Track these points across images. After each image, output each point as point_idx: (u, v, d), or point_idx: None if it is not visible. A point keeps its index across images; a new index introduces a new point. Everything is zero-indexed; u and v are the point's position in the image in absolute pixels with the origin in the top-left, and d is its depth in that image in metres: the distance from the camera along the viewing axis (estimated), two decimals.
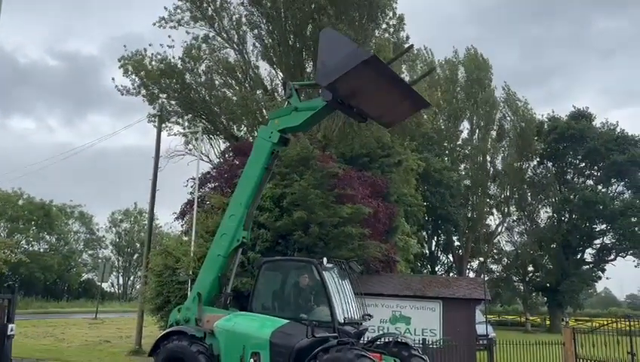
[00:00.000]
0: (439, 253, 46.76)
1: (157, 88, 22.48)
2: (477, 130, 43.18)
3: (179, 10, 22.32)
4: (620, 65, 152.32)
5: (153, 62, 22.25)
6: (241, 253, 11.40)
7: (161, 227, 46.70)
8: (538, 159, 45.42)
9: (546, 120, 45.42)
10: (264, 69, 23.72)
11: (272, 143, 10.47)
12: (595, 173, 43.90)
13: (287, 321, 9.34)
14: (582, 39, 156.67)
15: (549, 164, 45.52)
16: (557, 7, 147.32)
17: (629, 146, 41.34)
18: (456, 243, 45.07)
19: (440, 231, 43.93)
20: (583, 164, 44.31)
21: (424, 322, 16.36)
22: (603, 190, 43.12)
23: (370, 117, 10.66)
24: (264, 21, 22.50)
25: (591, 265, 44.44)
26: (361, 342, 10.04)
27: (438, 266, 46.58)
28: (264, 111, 21.44)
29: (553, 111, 46.23)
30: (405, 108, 10.71)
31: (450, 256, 46.60)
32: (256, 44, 23.08)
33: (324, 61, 9.43)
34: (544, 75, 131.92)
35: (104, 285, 60.33)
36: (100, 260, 62.69)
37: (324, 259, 9.90)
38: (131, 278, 75.78)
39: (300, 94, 10.66)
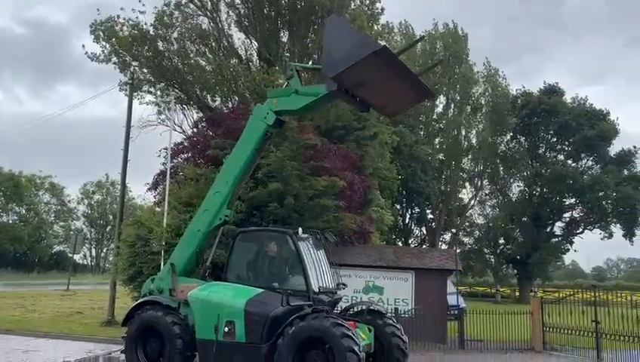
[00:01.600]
0: (413, 225, 47.25)
1: (128, 55, 21.85)
2: (452, 105, 43.35)
3: None
4: (589, 44, 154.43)
5: (125, 29, 21.57)
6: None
7: (134, 198, 46.32)
8: (511, 134, 45.94)
9: (519, 95, 45.84)
10: (238, 38, 23.26)
11: (266, 125, 10.07)
12: (566, 148, 44.61)
13: (262, 290, 9.36)
14: (555, 17, 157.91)
15: (522, 139, 46.08)
16: None
17: (598, 121, 42.07)
18: (430, 216, 45.65)
19: (414, 204, 44.35)
20: (555, 139, 44.97)
21: (397, 292, 16.63)
22: (573, 164, 43.96)
23: (373, 107, 10.32)
24: None
25: (560, 238, 45.51)
26: (336, 310, 10.14)
27: (412, 238, 47.13)
28: (238, 80, 21.08)
29: (524, 87, 46.41)
30: (409, 98, 10.38)
31: (424, 229, 47.22)
32: (230, 12, 22.57)
33: (331, 51, 8.96)
34: (517, 52, 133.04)
35: (76, 257, 59.60)
36: (71, 232, 61.83)
37: (300, 230, 9.92)
38: (104, 250, 75.20)
39: (300, 75, 10.14)
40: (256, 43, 22.77)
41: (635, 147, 42.64)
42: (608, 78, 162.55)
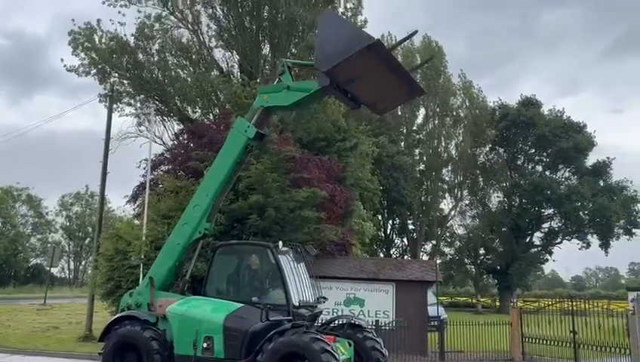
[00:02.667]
0: (394, 236, 47.49)
1: (108, 67, 21.71)
2: (432, 116, 43.78)
3: None
4: (562, 56, 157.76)
5: (104, 40, 21.44)
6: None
7: (113, 210, 45.66)
8: (490, 145, 46.50)
9: (498, 107, 46.53)
10: (219, 50, 23.29)
11: (247, 138, 9.97)
12: (544, 159, 45.28)
13: (241, 305, 9.29)
14: (528, 30, 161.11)
15: (501, 150, 46.67)
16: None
17: (574, 133, 42.83)
18: (411, 226, 45.90)
19: (395, 215, 44.57)
20: (533, 150, 45.62)
21: (378, 304, 16.65)
22: (551, 175, 44.61)
23: (364, 103, 10.13)
24: (219, 1, 22.01)
25: (539, 248, 46.05)
26: (316, 324, 10.10)
27: (393, 249, 47.32)
28: (219, 93, 21.06)
29: (500, 99, 47.15)
30: (400, 95, 10.37)
31: (405, 239, 47.45)
32: (211, 24, 22.60)
33: (324, 45, 8.90)
34: (492, 65, 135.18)
35: (54, 270, 58.72)
36: (49, 244, 60.78)
37: (280, 243, 9.87)
38: (82, 263, 73.92)
39: (291, 71, 10.03)
40: (237, 56, 22.83)
41: (609, 158, 43.57)
42: (582, 89, 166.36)
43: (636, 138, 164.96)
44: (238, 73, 22.95)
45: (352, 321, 10.28)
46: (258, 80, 20.76)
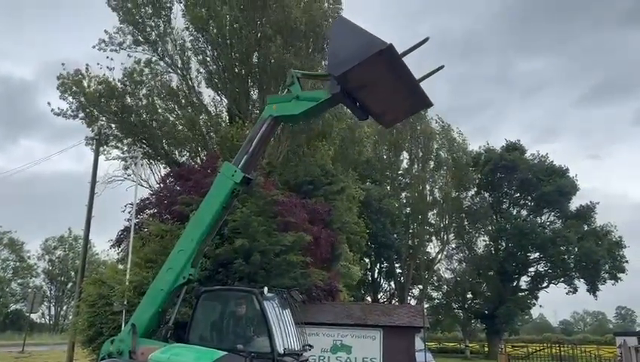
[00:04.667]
0: (382, 279, 47.21)
1: (96, 110, 21.85)
2: (415, 160, 44.27)
3: (120, 33, 21.94)
4: (540, 104, 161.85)
5: (92, 84, 21.64)
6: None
7: (97, 254, 45.04)
8: (475, 189, 46.94)
9: (483, 152, 47.20)
10: (208, 95, 23.59)
11: (233, 182, 9.87)
12: (529, 203, 45.76)
13: (225, 353, 9.09)
14: (505, 79, 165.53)
15: (486, 194, 47.14)
16: (483, 47, 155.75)
17: (557, 178, 43.44)
18: (398, 270, 45.69)
19: (382, 259, 44.42)
20: (518, 194, 46.14)
21: (365, 351, 16.38)
22: (535, 219, 44.95)
23: (372, 113, 9.90)
24: (209, 47, 22.45)
25: (526, 292, 45.95)
26: None
27: (381, 293, 46.97)
28: (207, 136, 21.19)
29: (487, 143, 48.19)
30: (408, 106, 10.19)
31: (393, 283, 47.13)
32: (201, 69, 22.97)
33: (337, 51, 8.97)
34: (470, 112, 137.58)
35: (34, 316, 57.05)
36: (29, 289, 59.33)
37: (265, 289, 9.75)
38: (64, 308, 72.11)
39: (300, 82, 9.97)
40: (226, 100, 23.11)
41: (591, 202, 44.13)
42: (559, 136, 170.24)
43: (614, 183, 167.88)
44: (227, 117, 23.20)
45: None
46: (246, 124, 20.98)
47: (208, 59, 22.67)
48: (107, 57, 21.45)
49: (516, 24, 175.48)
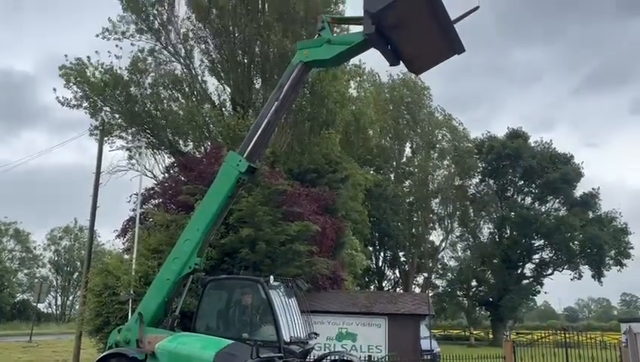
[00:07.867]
0: (386, 268, 47.27)
1: (100, 100, 21.80)
2: (418, 149, 44.11)
3: (124, 22, 21.83)
4: (536, 95, 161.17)
5: (97, 73, 21.57)
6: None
7: (102, 244, 45.19)
8: (480, 177, 46.80)
9: (486, 139, 46.97)
10: (211, 83, 23.49)
11: (239, 172, 9.91)
12: (533, 191, 45.58)
13: (232, 341, 9.15)
14: (501, 69, 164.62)
15: (491, 182, 46.96)
16: (479, 37, 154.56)
17: (561, 164, 43.22)
18: (402, 258, 45.72)
19: (386, 247, 44.45)
20: (522, 182, 45.96)
21: (370, 338, 16.44)
22: (540, 207, 44.83)
23: (404, 58, 9.74)
24: (212, 36, 22.31)
25: (530, 280, 45.93)
26: (307, 360, 9.97)
27: (385, 281, 47.04)
28: (211, 126, 21.13)
29: (488, 132, 47.80)
30: (440, 51, 9.85)
31: (397, 272, 47.21)
32: (204, 59, 22.86)
33: None
34: (469, 101, 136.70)
35: (41, 306, 57.40)
36: (36, 280, 59.70)
37: (271, 278, 9.81)
38: (70, 298, 72.57)
39: (331, 26, 9.91)
40: (229, 89, 23.02)
41: (594, 189, 43.91)
42: (557, 125, 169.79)
43: (613, 171, 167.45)
44: (230, 106, 23.13)
45: (345, 357, 10.16)
46: (250, 112, 20.92)
47: (211, 47, 22.55)
48: (116, 45, 21.33)
49: (513, 13, 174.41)
